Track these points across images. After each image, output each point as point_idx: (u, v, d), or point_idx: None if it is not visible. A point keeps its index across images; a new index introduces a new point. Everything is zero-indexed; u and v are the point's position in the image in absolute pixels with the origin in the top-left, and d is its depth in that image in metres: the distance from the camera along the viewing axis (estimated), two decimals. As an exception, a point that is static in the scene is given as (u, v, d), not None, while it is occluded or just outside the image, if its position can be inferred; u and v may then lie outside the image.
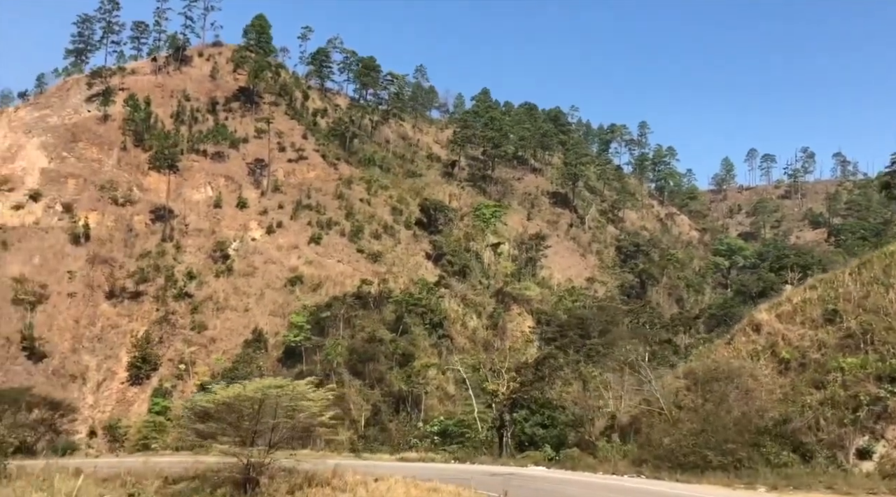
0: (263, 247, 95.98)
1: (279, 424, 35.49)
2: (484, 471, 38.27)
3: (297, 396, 35.12)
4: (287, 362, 77.48)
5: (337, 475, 29.05)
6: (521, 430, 47.45)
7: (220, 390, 36.86)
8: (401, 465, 42.38)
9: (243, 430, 34.91)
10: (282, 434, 35.46)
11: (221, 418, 34.20)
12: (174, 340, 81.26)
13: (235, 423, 35.29)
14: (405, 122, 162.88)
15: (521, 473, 36.74)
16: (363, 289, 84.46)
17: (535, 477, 34.68)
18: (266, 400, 33.97)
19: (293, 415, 35.67)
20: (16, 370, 75.55)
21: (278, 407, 33.49)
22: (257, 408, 33.59)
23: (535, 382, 50.82)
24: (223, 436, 35.32)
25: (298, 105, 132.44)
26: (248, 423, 34.88)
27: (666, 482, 34.58)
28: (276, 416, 33.80)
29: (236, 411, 34.70)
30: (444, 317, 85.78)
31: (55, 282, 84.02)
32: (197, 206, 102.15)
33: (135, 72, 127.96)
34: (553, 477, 35.11)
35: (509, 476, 34.87)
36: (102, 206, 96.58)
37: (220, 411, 34.20)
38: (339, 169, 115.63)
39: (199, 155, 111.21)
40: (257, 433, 34.60)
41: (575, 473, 37.91)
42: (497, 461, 44.35)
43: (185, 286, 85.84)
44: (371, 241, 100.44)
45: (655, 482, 34.21)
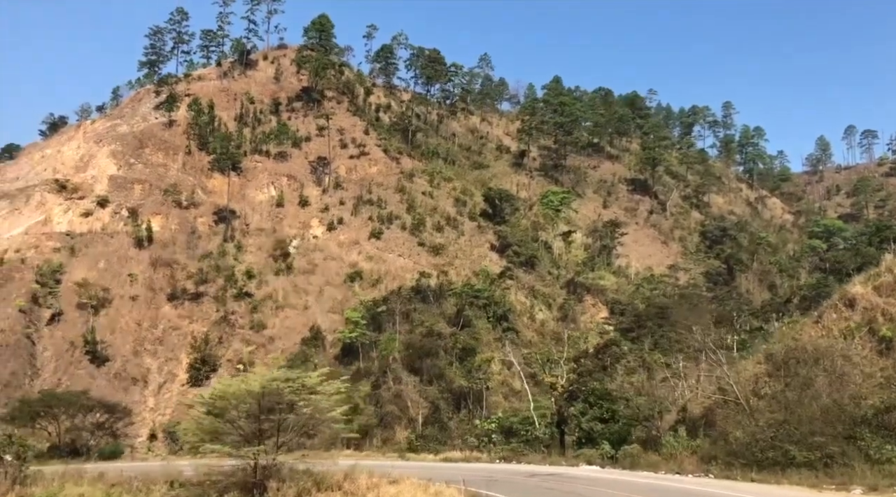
0: (324, 244, 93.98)
1: (287, 421, 32.09)
2: (524, 471, 33.74)
3: (303, 390, 31.55)
4: (344, 360, 74.73)
5: (349, 478, 26.45)
6: (578, 424, 42.38)
7: (220, 384, 33.55)
8: (432, 466, 38.43)
9: (248, 428, 31.75)
10: (292, 432, 32.08)
11: (226, 416, 31.21)
12: (233, 341, 79.97)
13: (238, 420, 32.14)
14: (474, 116, 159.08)
15: (565, 474, 31.92)
16: (422, 282, 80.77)
17: (577, 478, 29.80)
18: (267, 394, 30.58)
19: (301, 410, 32.16)
20: (79, 374, 75.82)
21: (282, 402, 30.14)
22: (259, 403, 30.33)
23: (595, 372, 45.61)
24: (230, 435, 32.33)
25: (361, 101, 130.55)
26: (249, 420, 31.62)
27: (737, 482, 29.09)
28: (281, 413, 30.58)
29: (239, 407, 31.52)
30: (508, 309, 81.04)
31: (118, 285, 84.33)
32: (260, 207, 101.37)
33: (201, 78, 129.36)
34: (601, 478, 30.11)
35: (548, 477, 30.21)
36: (166, 209, 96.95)
37: (221, 408, 31.09)
38: (401, 163, 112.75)
39: (262, 155, 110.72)
40: (264, 432, 31.34)
41: (631, 473, 32.73)
42: (546, 460, 39.59)
43: (244, 286, 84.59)
44: (433, 234, 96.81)
45: (725, 483, 28.75)
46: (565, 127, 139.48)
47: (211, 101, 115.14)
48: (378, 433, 65.13)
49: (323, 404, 33.26)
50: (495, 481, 28.94)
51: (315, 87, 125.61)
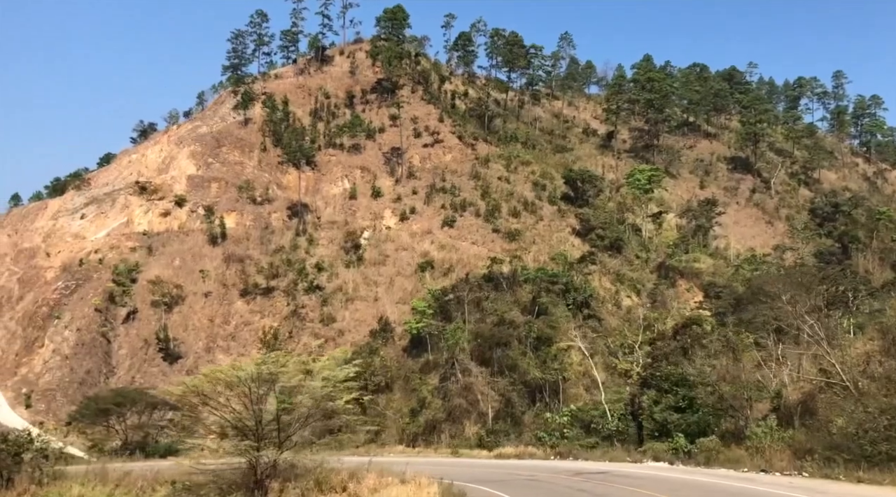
0: (396, 234, 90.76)
1: (291, 413, 28.78)
2: (573, 469, 28.55)
3: (294, 374, 28.07)
4: (413, 351, 71.05)
5: (354, 478, 24.56)
6: (650, 415, 36.48)
7: (210, 369, 30.42)
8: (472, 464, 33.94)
9: (246, 421, 28.70)
10: (297, 426, 28.70)
11: (213, 403, 28.17)
12: (303, 335, 77.93)
13: (231, 410, 29.14)
14: (559, 100, 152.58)
15: (619, 472, 26.51)
16: (494, 269, 75.88)
17: (628, 477, 24.35)
18: (260, 380, 27.34)
19: (299, 399, 28.71)
20: (152, 372, 75.69)
21: (272, 390, 26.80)
22: (250, 390, 27.07)
23: (672, 356, 39.50)
24: (229, 429, 29.38)
25: (435, 89, 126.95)
26: (245, 412, 28.60)
27: (839, 483, 22.87)
28: (273, 403, 27.34)
29: (231, 396, 28.52)
30: (590, 295, 74.92)
31: (191, 283, 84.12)
32: (333, 200, 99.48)
33: (278, 76, 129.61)
34: (657, 477, 24.51)
35: (595, 476, 24.97)
36: (241, 206, 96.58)
37: (208, 393, 28.06)
38: (477, 149, 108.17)
39: (335, 149, 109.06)
40: (263, 426, 28.08)
41: (701, 472, 26.88)
42: (607, 455, 34.00)
43: (314, 279, 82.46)
44: (508, 220, 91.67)
45: (822, 484, 22.58)
46: (655, 104, 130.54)
47: (285, 97, 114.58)
48: (446, 428, 60.87)
49: (322, 392, 29.26)
50: (533, 480, 24.10)
51: (389, 78, 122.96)
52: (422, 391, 64.84)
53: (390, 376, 67.67)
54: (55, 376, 72.68)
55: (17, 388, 72.75)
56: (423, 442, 59.90)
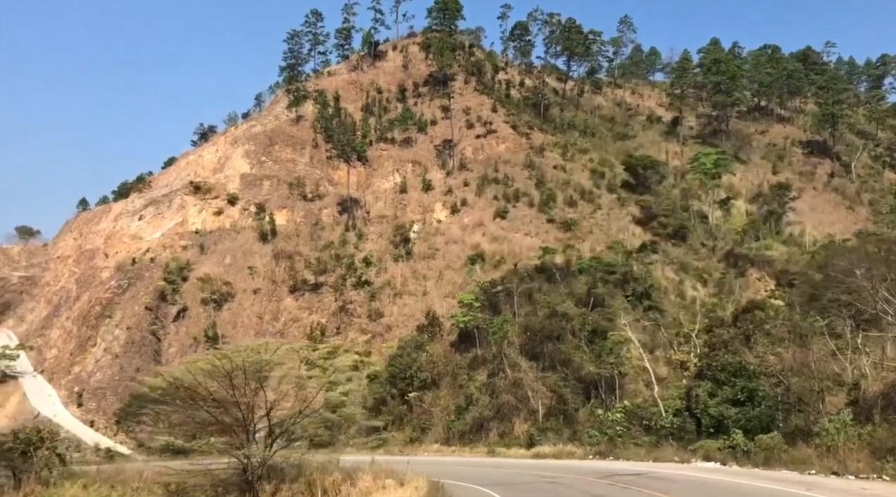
0: (446, 227, 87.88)
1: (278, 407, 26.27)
2: (607, 470, 25.02)
3: (269, 364, 25.49)
4: (461, 346, 67.75)
5: (349, 480, 22.87)
6: (704, 409, 32.32)
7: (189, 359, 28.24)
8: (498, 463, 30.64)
9: (229, 415, 26.35)
10: (289, 422, 26.23)
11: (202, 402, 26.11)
12: (350, 330, 75.88)
13: (209, 404, 26.78)
14: (622, 89, 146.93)
15: (658, 474, 22.78)
16: (546, 259, 71.99)
17: (665, 479, 20.65)
18: (237, 370, 24.98)
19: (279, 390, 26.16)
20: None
21: (248, 382, 24.30)
22: (232, 383, 24.73)
23: (731, 343, 35.14)
24: (211, 426, 27.03)
25: (489, 79, 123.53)
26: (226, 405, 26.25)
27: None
28: (250, 395, 24.85)
29: (207, 392, 26.22)
30: (651, 285, 70.13)
31: (241, 280, 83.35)
32: (384, 194, 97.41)
33: (331, 74, 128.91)
34: (703, 480, 20.68)
35: (628, 478, 21.34)
36: (292, 202, 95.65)
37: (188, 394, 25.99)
38: (531, 138, 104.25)
39: (387, 143, 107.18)
40: (252, 422, 25.77)
41: (756, 474, 22.84)
42: (650, 455, 30.07)
43: (362, 275, 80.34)
44: (564, 209, 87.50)
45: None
46: (723, 87, 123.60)
47: (337, 93, 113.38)
48: (494, 426, 57.42)
49: (311, 384, 26.63)
50: (551, 483, 20.76)
51: (441, 71, 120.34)
52: (469, 388, 61.59)
53: (437, 372, 64.68)
54: (105, 375, 72.82)
55: (70, 386, 73.25)
56: (469, 441, 56.73)
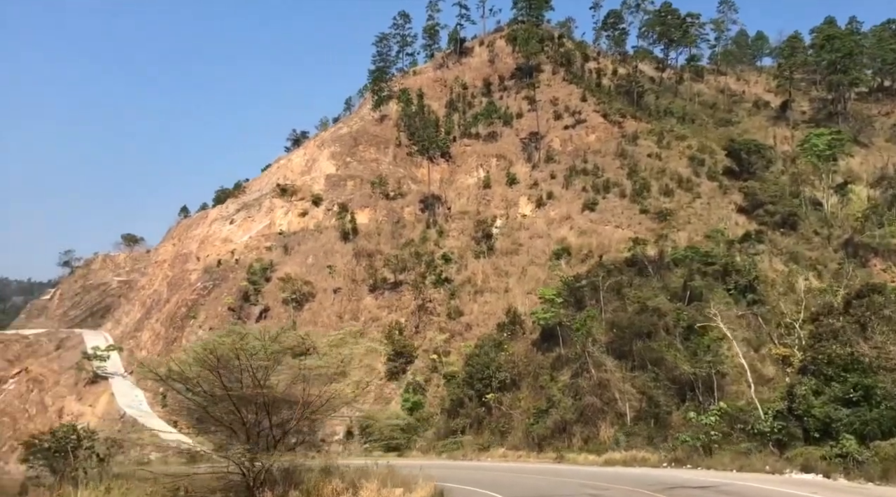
0: (531, 221, 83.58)
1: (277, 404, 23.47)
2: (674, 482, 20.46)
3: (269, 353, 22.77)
4: (543, 345, 63.28)
5: (352, 488, 20.75)
6: (808, 409, 26.85)
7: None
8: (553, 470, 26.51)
9: (226, 414, 23.69)
10: (293, 422, 23.47)
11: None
12: (429, 329, 72.86)
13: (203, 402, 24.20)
14: (726, 75, 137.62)
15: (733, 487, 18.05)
16: (636, 251, 66.42)
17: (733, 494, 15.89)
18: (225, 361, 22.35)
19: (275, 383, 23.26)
20: (280, 370, 73.85)
21: (244, 372, 21.62)
22: (220, 376, 22.06)
23: (842, 333, 29.35)
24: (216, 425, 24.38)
25: (578, 68, 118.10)
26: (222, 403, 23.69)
27: None
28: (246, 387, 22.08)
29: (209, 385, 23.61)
30: (755, 277, 63.25)
31: (323, 279, 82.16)
32: (467, 190, 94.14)
33: (416, 73, 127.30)
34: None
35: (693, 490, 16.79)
36: (374, 201, 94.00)
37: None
38: (624, 126, 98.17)
39: (471, 139, 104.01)
40: (245, 422, 23.05)
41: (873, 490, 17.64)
42: (734, 464, 24.95)
43: (442, 272, 77.23)
44: (659, 199, 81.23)
45: None
46: (839, 65, 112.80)
47: (420, 90, 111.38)
48: (578, 430, 52.67)
49: (313, 374, 23.47)
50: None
51: (528, 63, 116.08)
52: (551, 389, 57.11)
53: (517, 373, 60.58)
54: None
55: (155, 388, 73.86)
56: (551, 445, 52.27)
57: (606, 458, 35.93)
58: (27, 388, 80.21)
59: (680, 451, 32.81)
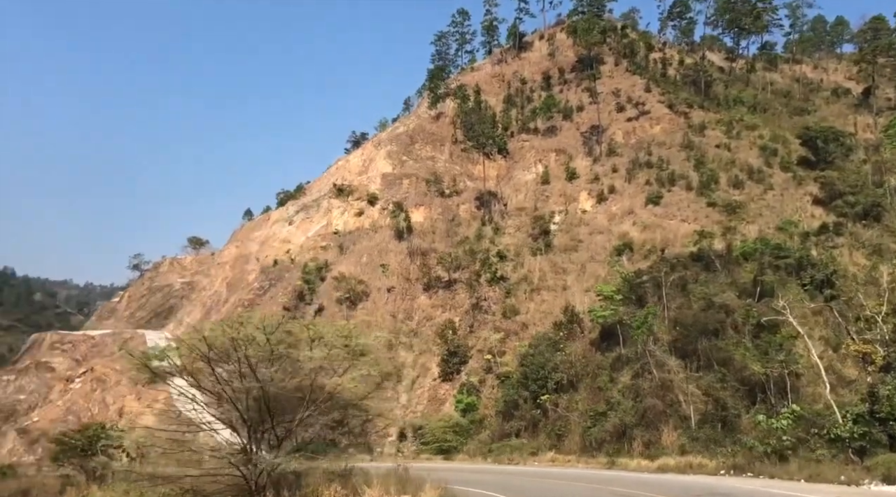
0: (591, 217, 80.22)
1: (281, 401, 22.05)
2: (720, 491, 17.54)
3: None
4: (602, 345, 60.04)
5: (354, 492, 20.06)
6: (891, 412, 23.42)
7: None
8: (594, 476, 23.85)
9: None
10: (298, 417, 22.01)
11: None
12: (484, 329, 70.48)
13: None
14: (802, 63, 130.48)
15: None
16: (702, 245, 62.47)
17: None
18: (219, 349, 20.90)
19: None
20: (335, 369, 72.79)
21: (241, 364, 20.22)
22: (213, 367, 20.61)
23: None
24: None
25: (641, 59, 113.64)
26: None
27: None
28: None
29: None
30: (833, 271, 58.46)
31: (376, 278, 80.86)
32: (525, 186, 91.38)
33: (474, 69, 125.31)
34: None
35: None
36: (429, 199, 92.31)
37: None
38: (690, 117, 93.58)
39: (529, 134, 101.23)
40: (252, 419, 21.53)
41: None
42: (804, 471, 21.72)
43: (498, 270, 74.75)
44: (728, 191, 76.66)
45: None
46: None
47: (477, 86, 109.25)
48: (638, 434, 49.31)
49: (310, 365, 21.80)
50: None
51: (589, 55, 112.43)
52: (610, 391, 53.98)
53: (574, 373, 57.58)
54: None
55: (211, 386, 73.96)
56: (610, 450, 49.12)
57: (660, 464, 32.96)
58: (91, 388, 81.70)
59: (740, 458, 29.50)
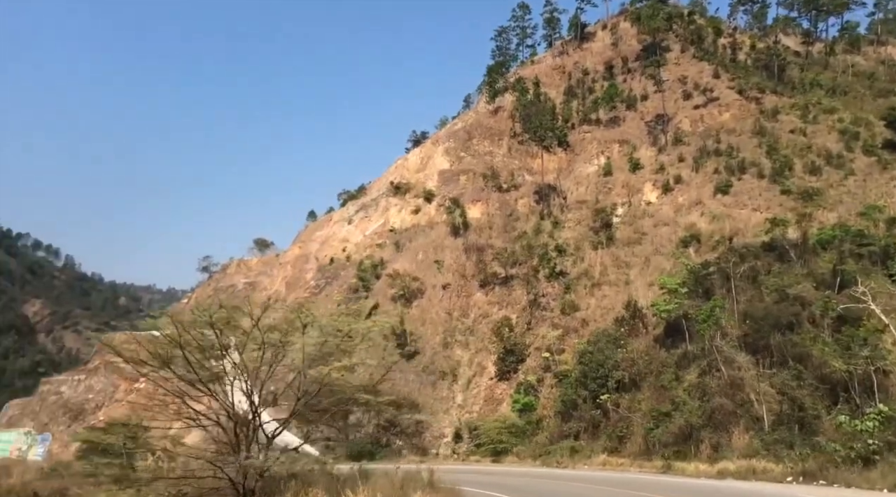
0: (656, 208, 76.28)
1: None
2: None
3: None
4: (667, 341, 56.37)
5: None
6: None
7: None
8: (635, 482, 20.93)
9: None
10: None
11: None
12: (542, 326, 67.61)
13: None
14: (886, 45, 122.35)
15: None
16: (775, 234, 58.07)
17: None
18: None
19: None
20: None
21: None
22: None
23: None
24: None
25: (709, 44, 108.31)
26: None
27: None
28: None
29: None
30: (925, 260, 53.31)
31: (431, 275, 79.02)
32: (586, 179, 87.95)
33: (534, 62, 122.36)
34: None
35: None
36: (486, 194, 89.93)
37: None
38: (762, 102, 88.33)
39: (591, 125, 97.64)
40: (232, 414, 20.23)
41: None
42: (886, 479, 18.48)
43: (556, 265, 71.79)
44: (805, 178, 71.53)
45: None
46: None
47: (536, 78, 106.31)
48: (706, 436, 45.67)
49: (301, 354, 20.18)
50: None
51: (655, 40, 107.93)
52: (675, 389, 50.43)
53: (636, 371, 54.22)
54: (296, 373, 72.05)
55: (267, 387, 73.50)
56: (674, 453, 45.67)
57: (720, 469, 29.71)
58: (154, 388, 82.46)
59: (812, 463, 26.06)
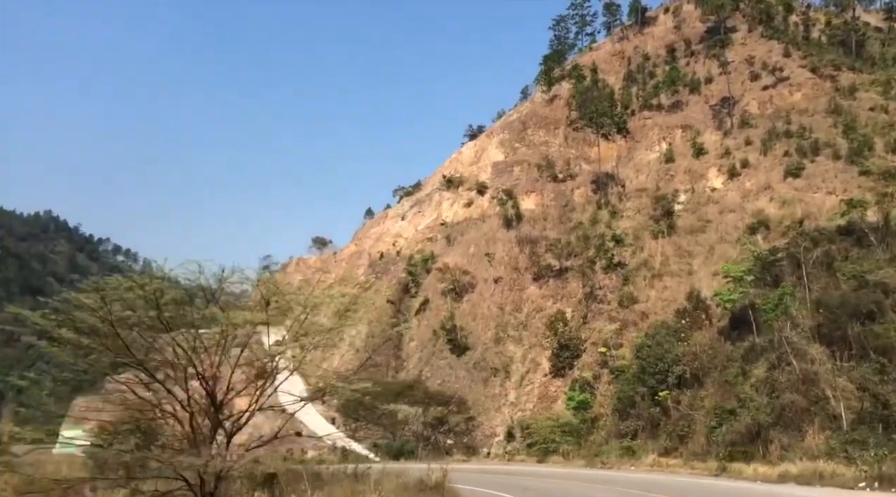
0: (721, 195, 71.68)
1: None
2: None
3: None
4: (733, 334, 52.17)
5: None
6: None
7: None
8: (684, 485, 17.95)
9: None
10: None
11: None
12: (598, 320, 64.11)
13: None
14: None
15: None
16: (852, 217, 53.12)
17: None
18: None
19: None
20: (440, 365, 69.12)
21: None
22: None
23: None
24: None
25: (779, 22, 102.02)
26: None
27: None
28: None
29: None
30: None
31: (483, 269, 76.36)
32: (647, 167, 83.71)
33: (592, 49, 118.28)
34: None
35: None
36: (541, 185, 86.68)
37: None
38: (837, 80, 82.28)
39: (652, 111, 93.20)
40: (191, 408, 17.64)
41: None
42: None
43: (613, 256, 68.09)
44: (886, 157, 65.82)
45: None
46: None
47: (593, 65, 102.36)
48: (776, 436, 41.59)
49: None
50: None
51: (720, 20, 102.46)
52: (741, 385, 46.40)
53: (699, 366, 50.31)
54: (347, 370, 70.51)
55: (317, 383, 72.35)
56: (741, 454, 41.73)
57: (781, 472, 26.15)
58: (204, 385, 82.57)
59: (891, 466, 22.38)
